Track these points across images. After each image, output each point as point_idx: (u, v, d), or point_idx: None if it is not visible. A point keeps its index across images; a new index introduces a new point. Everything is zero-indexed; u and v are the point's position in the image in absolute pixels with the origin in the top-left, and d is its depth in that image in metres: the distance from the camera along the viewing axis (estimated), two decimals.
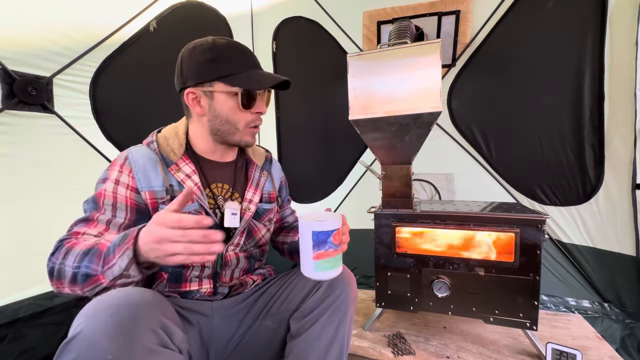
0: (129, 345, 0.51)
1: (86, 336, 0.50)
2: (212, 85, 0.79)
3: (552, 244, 1.73)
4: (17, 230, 1.09)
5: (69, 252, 0.65)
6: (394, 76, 1.08)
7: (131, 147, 0.86)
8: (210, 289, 0.85)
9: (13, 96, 1.06)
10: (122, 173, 0.80)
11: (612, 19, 1.50)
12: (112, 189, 0.77)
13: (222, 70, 0.79)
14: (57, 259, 0.66)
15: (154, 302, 0.59)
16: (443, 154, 1.91)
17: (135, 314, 0.54)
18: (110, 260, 0.60)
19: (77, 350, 0.49)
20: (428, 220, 1.17)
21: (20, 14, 1.07)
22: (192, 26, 1.57)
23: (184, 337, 0.63)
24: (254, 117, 0.85)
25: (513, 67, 1.74)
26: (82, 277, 0.62)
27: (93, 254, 0.63)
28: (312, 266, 0.71)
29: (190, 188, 0.64)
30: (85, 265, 0.62)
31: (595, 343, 1.20)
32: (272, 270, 1.02)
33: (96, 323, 0.51)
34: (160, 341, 0.56)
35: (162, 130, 0.88)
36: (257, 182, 0.96)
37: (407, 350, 1.17)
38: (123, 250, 0.59)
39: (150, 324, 0.55)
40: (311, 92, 2.08)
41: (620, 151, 1.51)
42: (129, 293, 0.58)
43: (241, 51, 0.83)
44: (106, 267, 0.60)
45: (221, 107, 0.81)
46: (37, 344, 1.12)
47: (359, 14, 1.97)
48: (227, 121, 0.83)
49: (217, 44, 0.81)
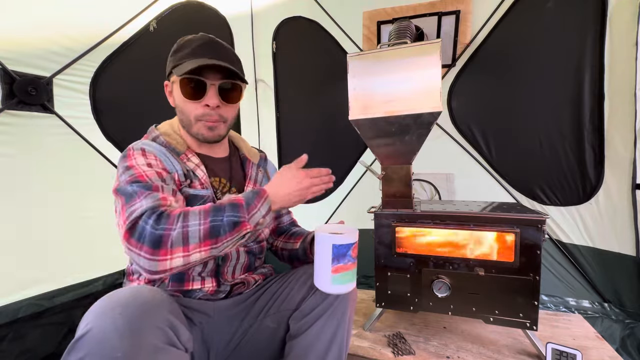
0: (138, 343, 0.51)
1: (96, 334, 0.51)
2: (172, 76, 0.85)
3: (552, 244, 1.73)
4: (17, 230, 1.09)
5: (187, 216, 0.67)
6: (394, 76, 1.08)
7: (136, 142, 0.85)
8: (212, 287, 0.85)
9: (13, 96, 1.06)
10: (148, 159, 0.79)
11: (612, 19, 1.49)
12: (151, 168, 0.76)
13: (175, 60, 0.83)
14: (172, 224, 0.64)
15: (161, 301, 0.60)
16: (443, 154, 1.91)
17: (143, 312, 0.55)
18: (253, 208, 0.71)
19: (86, 348, 0.50)
20: (428, 220, 1.17)
21: (20, 14, 1.07)
22: (192, 26, 1.58)
23: (190, 336, 0.63)
24: (204, 110, 0.83)
25: (513, 67, 1.73)
26: (228, 225, 0.67)
27: (234, 205, 0.70)
28: (329, 279, 0.71)
29: (306, 156, 0.82)
30: (230, 215, 0.68)
31: (595, 343, 1.20)
32: (272, 269, 1.03)
33: (105, 321, 0.52)
34: (168, 339, 0.56)
35: (159, 127, 0.91)
36: (255, 178, 0.98)
37: (407, 350, 1.17)
38: (262, 200, 0.72)
39: (158, 323, 0.56)
40: (311, 92, 2.08)
41: (620, 151, 1.50)
42: (137, 291, 0.59)
43: (201, 42, 0.84)
44: (250, 214, 0.70)
45: (177, 98, 0.86)
46: (37, 344, 1.12)
47: (359, 14, 1.97)
48: (182, 112, 0.86)
49: (187, 37, 0.86)
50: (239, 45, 1.85)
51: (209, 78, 0.81)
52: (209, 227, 0.66)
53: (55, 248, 1.15)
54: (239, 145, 1.04)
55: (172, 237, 0.64)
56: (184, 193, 0.81)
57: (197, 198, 0.82)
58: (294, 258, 1.02)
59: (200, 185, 0.84)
